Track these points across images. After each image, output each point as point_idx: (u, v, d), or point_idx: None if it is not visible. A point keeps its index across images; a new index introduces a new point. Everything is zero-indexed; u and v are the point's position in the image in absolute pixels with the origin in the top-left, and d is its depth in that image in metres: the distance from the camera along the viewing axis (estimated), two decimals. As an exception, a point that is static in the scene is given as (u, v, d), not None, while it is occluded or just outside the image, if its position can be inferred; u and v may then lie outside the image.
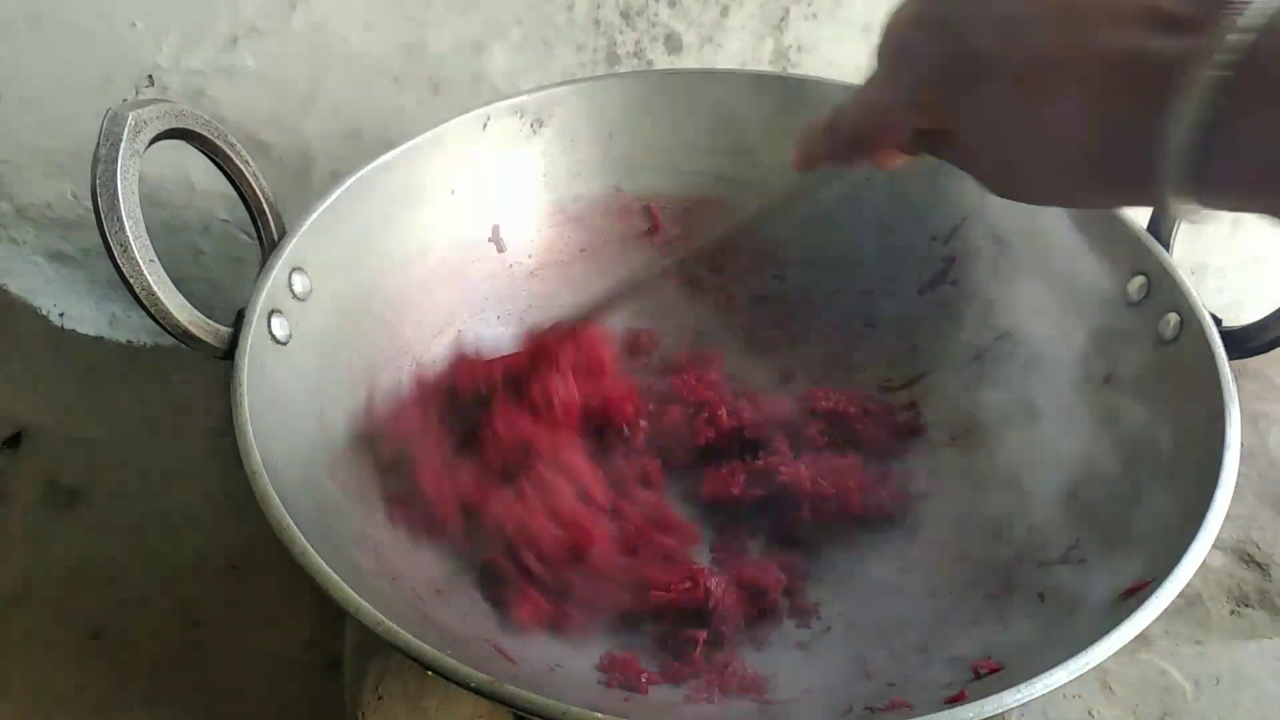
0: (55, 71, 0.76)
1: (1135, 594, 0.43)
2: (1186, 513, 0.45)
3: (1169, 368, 0.54)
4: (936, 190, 0.68)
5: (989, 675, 0.46)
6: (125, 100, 0.56)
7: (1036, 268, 0.64)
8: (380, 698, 0.57)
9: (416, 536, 0.55)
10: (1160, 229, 0.58)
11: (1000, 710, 0.40)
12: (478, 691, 0.38)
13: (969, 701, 0.40)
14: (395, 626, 0.39)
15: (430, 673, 0.38)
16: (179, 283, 0.86)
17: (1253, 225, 0.87)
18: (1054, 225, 0.62)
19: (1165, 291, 0.55)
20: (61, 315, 0.88)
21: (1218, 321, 0.53)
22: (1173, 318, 0.54)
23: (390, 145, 0.73)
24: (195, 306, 0.88)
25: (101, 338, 0.89)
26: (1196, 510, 0.44)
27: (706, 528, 0.63)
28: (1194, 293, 0.54)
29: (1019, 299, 0.65)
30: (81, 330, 0.88)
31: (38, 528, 0.75)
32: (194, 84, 0.77)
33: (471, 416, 0.59)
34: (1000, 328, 0.66)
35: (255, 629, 0.69)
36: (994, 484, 0.62)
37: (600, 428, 0.64)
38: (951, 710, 0.38)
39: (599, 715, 0.37)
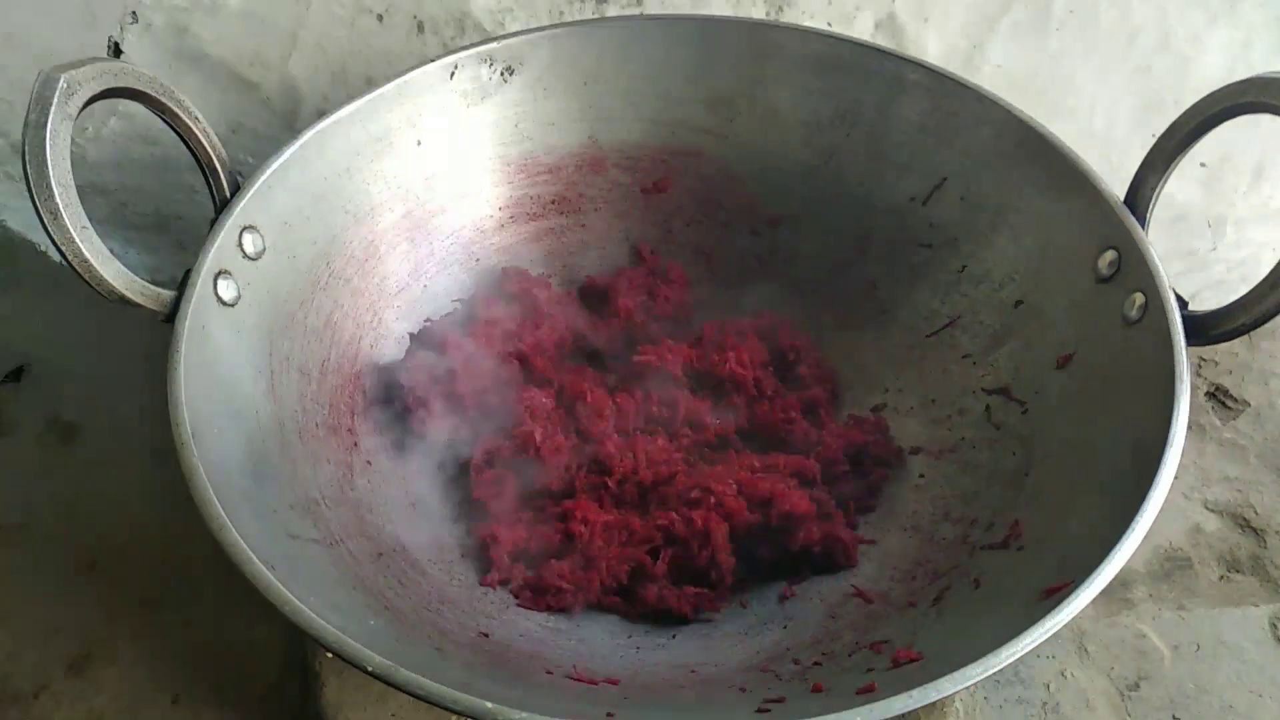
0: (38, 7, 0.76)
1: (1056, 594, 0.42)
2: (1119, 514, 0.43)
3: (1129, 352, 0.52)
4: (917, 151, 0.65)
5: (908, 664, 0.46)
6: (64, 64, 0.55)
7: (1012, 235, 0.61)
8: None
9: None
10: (1138, 202, 0.55)
11: (905, 709, 0.39)
12: (375, 676, 0.38)
13: (878, 698, 0.40)
14: (302, 607, 0.40)
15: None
16: (172, 220, 0.88)
17: (1275, 177, 0.82)
18: (1033, 191, 0.59)
19: (1134, 269, 0.53)
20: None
21: (1184, 304, 0.51)
22: (1138, 297, 0.52)
23: (375, 84, 0.72)
24: (189, 245, 0.90)
25: (102, 272, 0.91)
26: (1126, 514, 0.43)
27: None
28: (1162, 272, 0.51)
29: (992, 268, 0.63)
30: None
31: (38, 460, 0.78)
32: (178, 20, 0.76)
33: None
34: (970, 296, 0.64)
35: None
36: (950, 458, 0.61)
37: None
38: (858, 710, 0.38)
39: (489, 705, 0.37)
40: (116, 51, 0.78)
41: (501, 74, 0.67)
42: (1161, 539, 0.75)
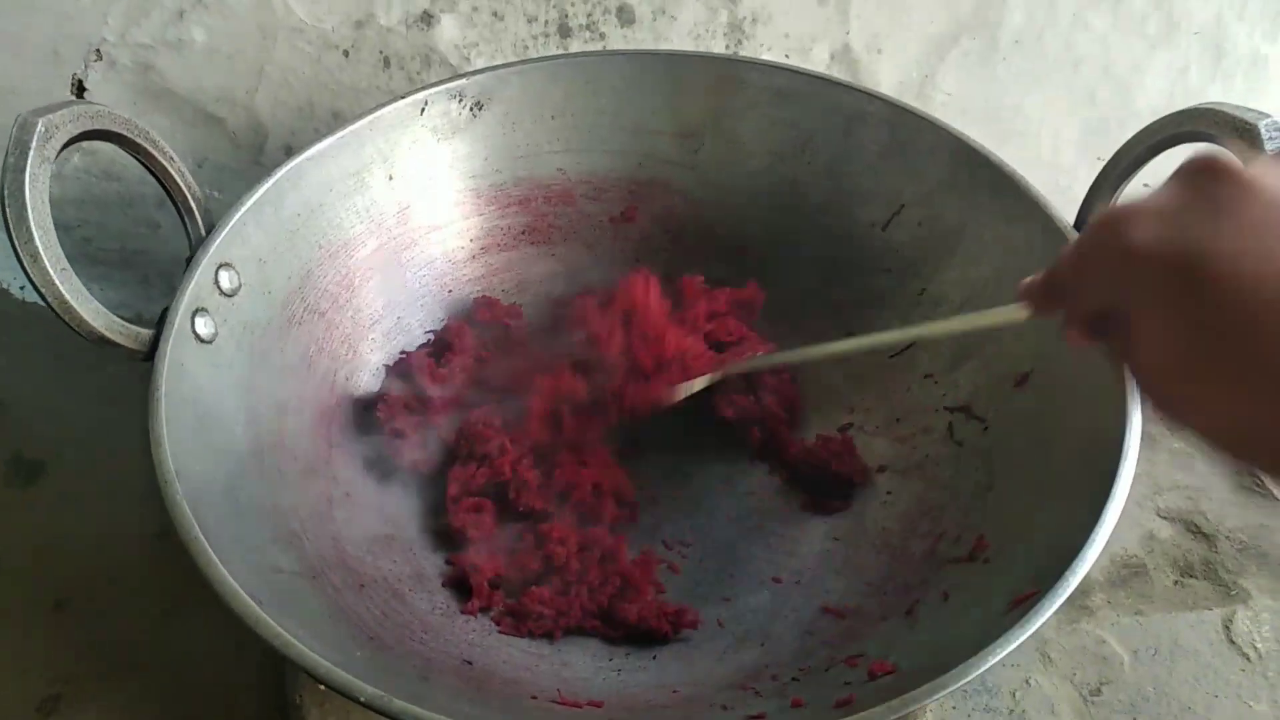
0: (3, 45, 0.76)
1: (1023, 604, 0.44)
2: (1079, 524, 0.45)
3: (1082, 369, 0.54)
4: (875, 179, 0.68)
5: (883, 677, 0.47)
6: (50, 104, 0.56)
7: (968, 259, 0.63)
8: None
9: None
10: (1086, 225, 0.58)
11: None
12: (368, 706, 0.39)
13: (854, 710, 0.41)
14: (292, 640, 0.40)
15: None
16: (137, 255, 0.88)
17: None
18: (986, 216, 0.62)
19: (1087, 291, 0.55)
20: (23, 289, 0.89)
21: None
22: (1090, 318, 0.54)
23: (341, 119, 0.72)
24: (154, 280, 0.90)
25: (64, 310, 0.90)
26: (1088, 523, 0.45)
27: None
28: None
29: (949, 290, 0.65)
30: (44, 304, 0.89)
31: (4, 498, 0.77)
32: (142, 58, 0.77)
33: None
34: (931, 318, 0.66)
35: (219, 603, 0.70)
36: (915, 475, 0.63)
37: None
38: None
39: (481, 729, 0.38)
40: (80, 89, 0.78)
41: (471, 109, 0.69)
42: (1117, 547, 0.77)
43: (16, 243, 0.46)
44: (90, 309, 0.49)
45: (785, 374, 0.69)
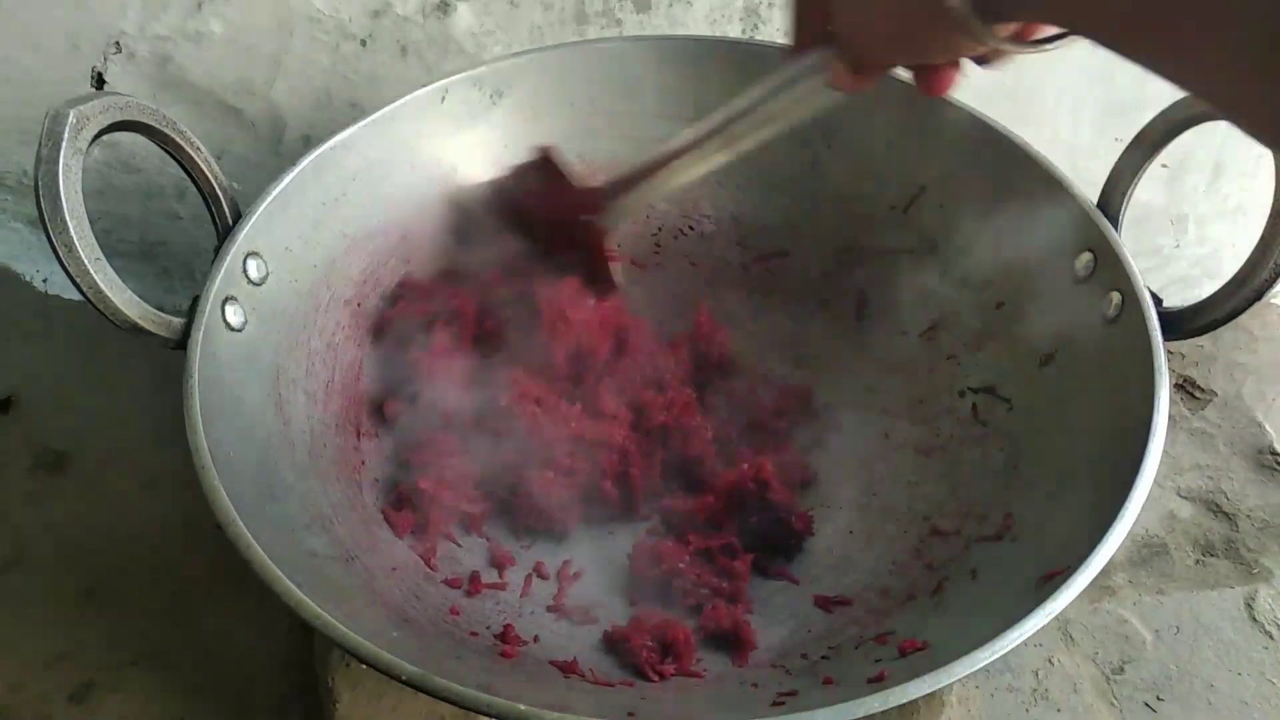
0: (23, 38, 0.76)
1: (1051, 580, 0.44)
2: (1106, 503, 0.46)
3: (1109, 349, 0.54)
4: (895, 162, 0.68)
5: (914, 654, 0.48)
6: (77, 95, 0.56)
7: (991, 241, 0.64)
8: (347, 664, 0.60)
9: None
10: (1110, 206, 0.58)
11: (919, 694, 0.41)
12: (409, 684, 0.40)
13: (887, 685, 0.41)
14: (333, 621, 0.41)
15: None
16: (156, 246, 0.89)
17: (1232, 175, 0.86)
18: (1009, 197, 0.62)
19: (1110, 269, 0.55)
20: (45, 281, 0.90)
21: (1159, 302, 0.54)
22: (1115, 296, 0.55)
23: (360, 109, 0.72)
24: (174, 271, 0.90)
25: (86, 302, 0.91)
26: (1116, 500, 0.45)
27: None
28: (1137, 272, 0.54)
29: (972, 271, 0.65)
30: (66, 296, 0.90)
31: (30, 491, 0.78)
32: (161, 50, 0.77)
33: None
34: (953, 299, 0.66)
35: (244, 589, 0.70)
36: (940, 456, 0.63)
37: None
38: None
39: (520, 707, 0.39)
40: (100, 81, 0.78)
41: (490, 97, 0.69)
42: (1138, 527, 0.77)
43: (51, 233, 0.47)
44: (125, 298, 0.50)
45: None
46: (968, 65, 0.43)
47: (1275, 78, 0.28)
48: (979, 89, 0.81)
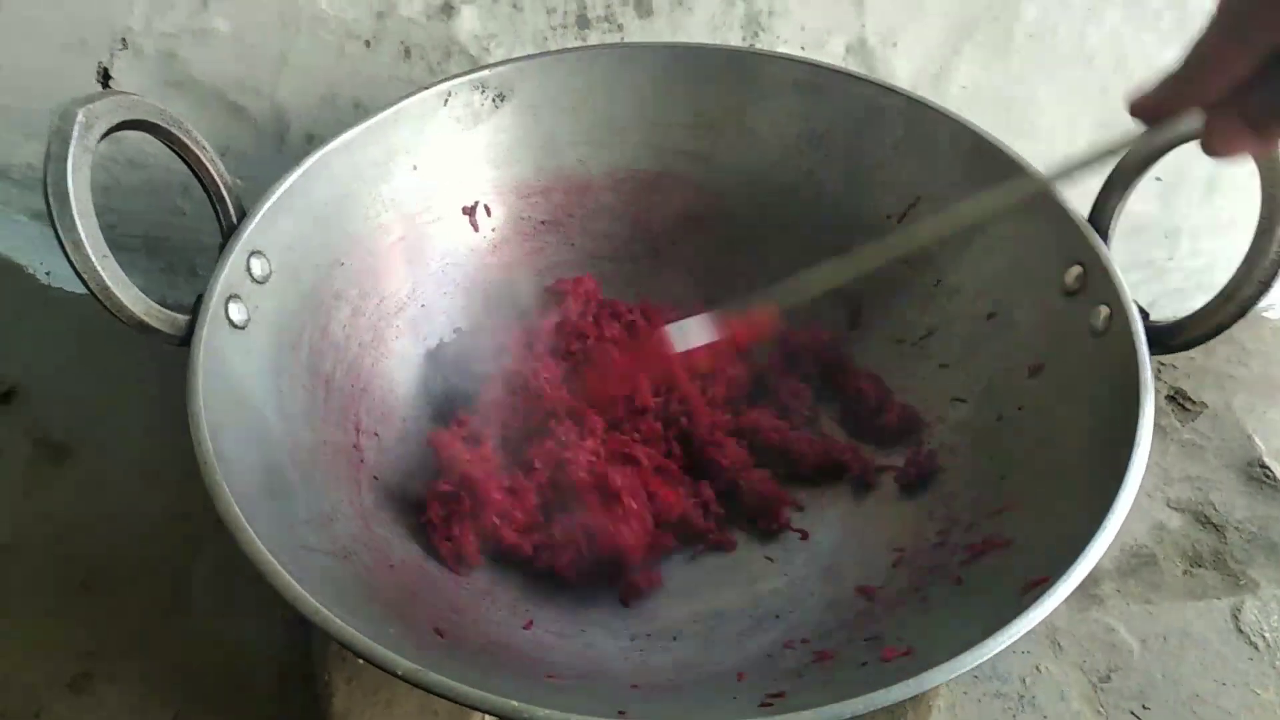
0: (30, 33, 0.77)
1: (1036, 588, 0.45)
2: (1092, 512, 0.46)
3: (1096, 361, 0.55)
4: (891, 172, 0.69)
5: (899, 658, 0.48)
6: (83, 94, 0.57)
7: (984, 252, 0.65)
8: (343, 659, 0.61)
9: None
10: (1100, 219, 0.59)
11: (904, 697, 0.42)
12: (405, 680, 0.40)
13: (873, 688, 0.42)
14: (331, 616, 0.42)
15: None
16: (160, 242, 0.89)
17: (1225, 189, 0.87)
18: (1001, 209, 0.63)
19: (1099, 283, 0.56)
20: (48, 274, 0.90)
21: (1146, 315, 0.54)
22: (1103, 310, 0.55)
23: (363, 109, 0.73)
24: (178, 267, 0.91)
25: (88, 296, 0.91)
26: (1101, 510, 0.46)
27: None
28: (1126, 286, 0.55)
29: (965, 281, 0.66)
30: (69, 289, 0.91)
31: (29, 481, 0.79)
32: (166, 46, 0.78)
33: None
34: (946, 309, 0.67)
35: (240, 581, 0.72)
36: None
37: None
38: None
39: (515, 703, 0.39)
40: (106, 78, 0.79)
41: (494, 100, 0.70)
42: (1127, 537, 0.78)
43: (60, 230, 0.47)
44: (131, 295, 0.50)
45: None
46: (956, 73, 0.43)
47: None
48: (975, 100, 0.82)
